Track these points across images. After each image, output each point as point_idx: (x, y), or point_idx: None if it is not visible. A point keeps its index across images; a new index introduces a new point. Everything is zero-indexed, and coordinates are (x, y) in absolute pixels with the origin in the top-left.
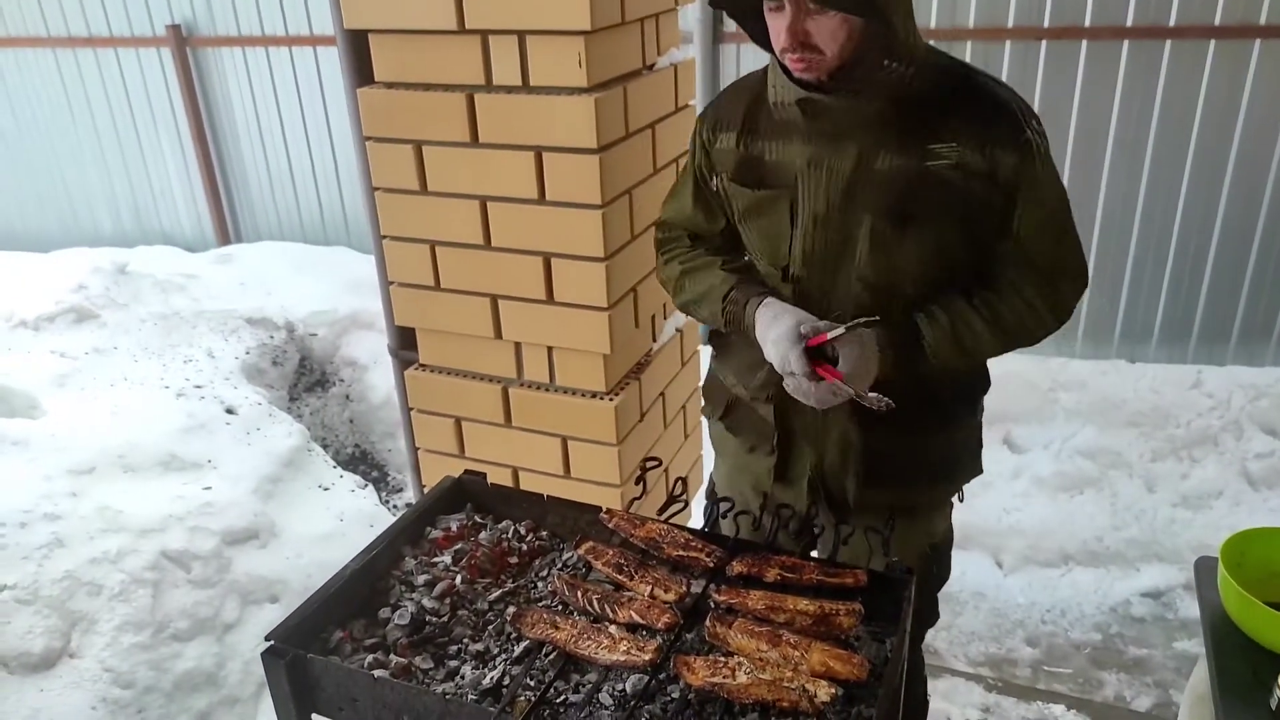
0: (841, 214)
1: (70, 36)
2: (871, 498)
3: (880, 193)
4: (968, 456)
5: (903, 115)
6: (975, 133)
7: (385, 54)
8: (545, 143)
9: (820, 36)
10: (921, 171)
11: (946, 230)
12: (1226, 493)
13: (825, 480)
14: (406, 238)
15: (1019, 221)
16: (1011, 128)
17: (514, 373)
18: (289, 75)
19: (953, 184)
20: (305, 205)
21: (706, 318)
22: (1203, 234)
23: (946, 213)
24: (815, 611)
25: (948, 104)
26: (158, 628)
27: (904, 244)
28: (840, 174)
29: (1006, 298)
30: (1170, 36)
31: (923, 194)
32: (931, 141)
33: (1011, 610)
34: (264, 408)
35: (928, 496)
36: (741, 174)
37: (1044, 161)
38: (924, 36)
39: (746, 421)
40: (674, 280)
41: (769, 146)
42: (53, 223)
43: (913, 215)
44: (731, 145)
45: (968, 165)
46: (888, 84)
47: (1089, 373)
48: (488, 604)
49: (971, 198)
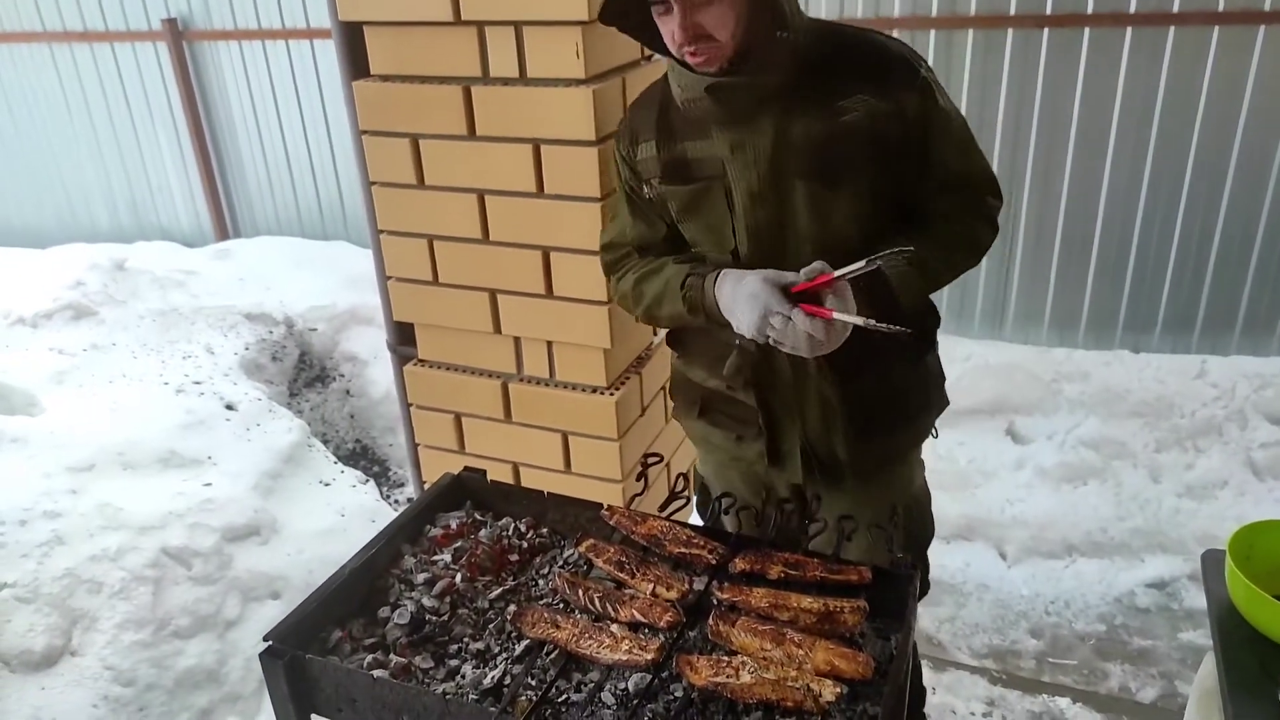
0: (774, 187)
1: (65, 31)
2: (863, 452)
3: (804, 158)
4: (935, 389)
5: (805, 82)
6: (876, 82)
7: (380, 46)
8: (543, 135)
9: (712, 25)
10: (837, 129)
11: (874, 178)
12: (1231, 483)
13: (815, 449)
14: (404, 232)
15: (934, 154)
16: (908, 71)
17: (513, 368)
18: (286, 68)
19: (868, 133)
20: (304, 199)
21: (669, 315)
22: (1207, 222)
23: (870, 162)
24: (819, 609)
25: (843, 63)
26: (159, 625)
27: (839, 201)
28: (762, 150)
29: (940, 221)
30: (1173, 23)
31: (844, 149)
32: (838, 99)
33: (1015, 602)
34: (264, 403)
35: (910, 437)
36: (669, 175)
37: (942, 95)
38: (926, 26)
39: (726, 412)
40: (630, 291)
41: (689, 145)
42: (50, 218)
43: (840, 172)
44: (653, 153)
45: (877, 112)
46: (784, 55)
47: (1092, 363)
48: (488, 602)
49: (888, 142)
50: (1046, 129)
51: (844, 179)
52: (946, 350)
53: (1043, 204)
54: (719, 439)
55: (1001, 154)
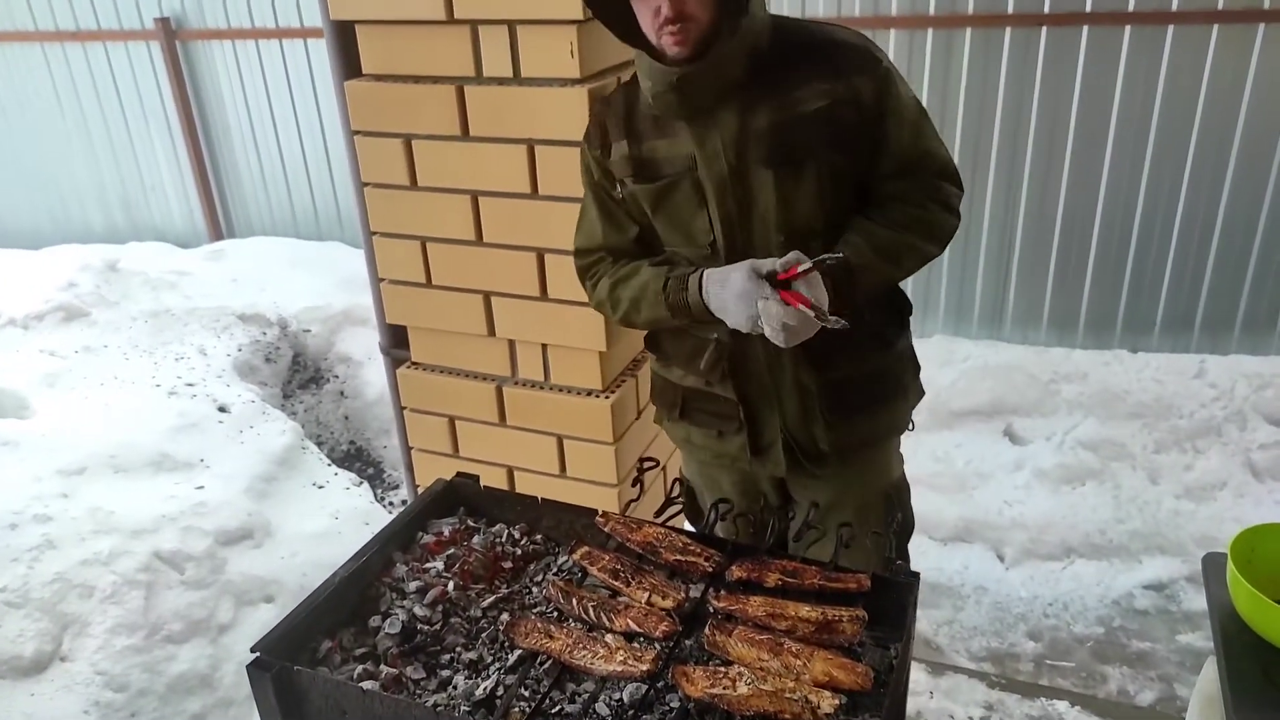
0: (740, 177)
1: (58, 30)
2: (842, 437)
3: (769, 147)
4: (910, 377)
5: (766, 73)
6: (836, 70)
7: (373, 45)
8: (537, 135)
9: (693, 5)
10: (799, 117)
11: (837, 163)
12: (1230, 484)
13: (795, 437)
14: (397, 234)
15: (890, 139)
16: (867, 60)
17: (508, 371)
18: (279, 68)
19: (829, 120)
20: (298, 199)
21: (648, 319)
22: (1206, 221)
23: (832, 148)
24: (817, 618)
25: (804, 54)
26: (150, 630)
27: (803, 186)
28: (728, 142)
29: (896, 205)
30: (1173, 21)
31: (806, 137)
32: (799, 88)
33: (1014, 604)
34: (257, 405)
35: (888, 421)
36: (639, 174)
37: (901, 83)
38: (924, 25)
39: (706, 409)
40: (607, 296)
41: (657, 144)
42: (43, 219)
43: (804, 159)
44: (624, 153)
45: (838, 98)
46: (744, 46)
47: (1091, 363)
48: (481, 611)
49: (848, 128)
50: (1045, 127)
51: (806, 166)
52: (945, 350)
53: (1041, 203)
54: (700, 438)
55: (1000, 152)
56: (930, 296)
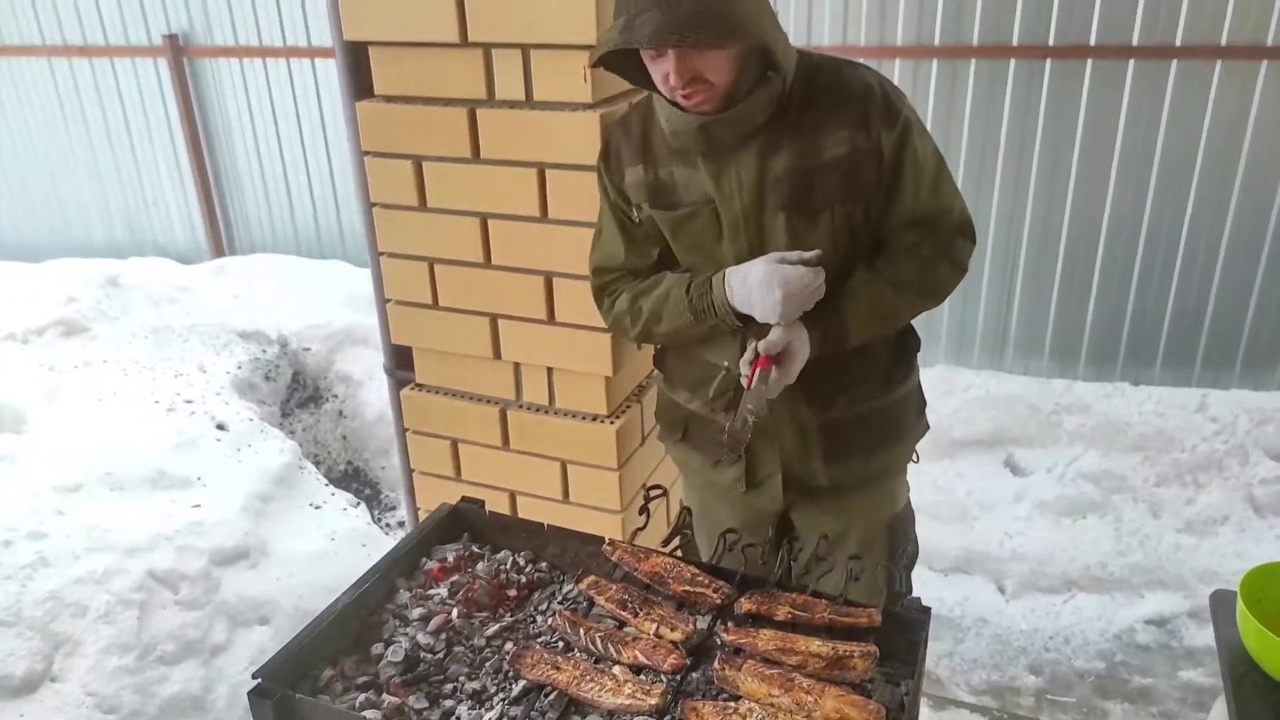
0: (756, 217)
1: (65, 45)
2: (841, 474)
3: (786, 191)
4: (914, 414)
5: (790, 117)
6: (858, 118)
7: (385, 66)
8: (548, 159)
9: (708, 70)
10: (818, 164)
11: (851, 210)
12: (1232, 519)
13: (793, 471)
14: (404, 255)
15: (906, 190)
16: (889, 108)
17: (513, 394)
18: (286, 86)
19: (848, 169)
20: (301, 217)
21: (668, 329)
22: (1208, 256)
23: (848, 195)
24: (828, 654)
25: (826, 98)
26: (143, 650)
27: (817, 230)
28: (747, 182)
29: (904, 258)
30: (1177, 56)
31: (824, 183)
32: (822, 135)
33: (1014, 637)
34: (255, 424)
35: (888, 460)
36: (656, 200)
37: (920, 132)
38: (929, 55)
39: (706, 435)
40: (628, 309)
41: (675, 171)
42: (44, 232)
43: (819, 204)
44: (640, 178)
45: (858, 148)
46: (771, 94)
47: (1092, 395)
48: (485, 640)
49: (866, 176)
50: (1049, 159)
51: (822, 211)
52: (946, 380)
53: (1044, 234)
54: (697, 463)
55: (1003, 183)
56: (932, 325)
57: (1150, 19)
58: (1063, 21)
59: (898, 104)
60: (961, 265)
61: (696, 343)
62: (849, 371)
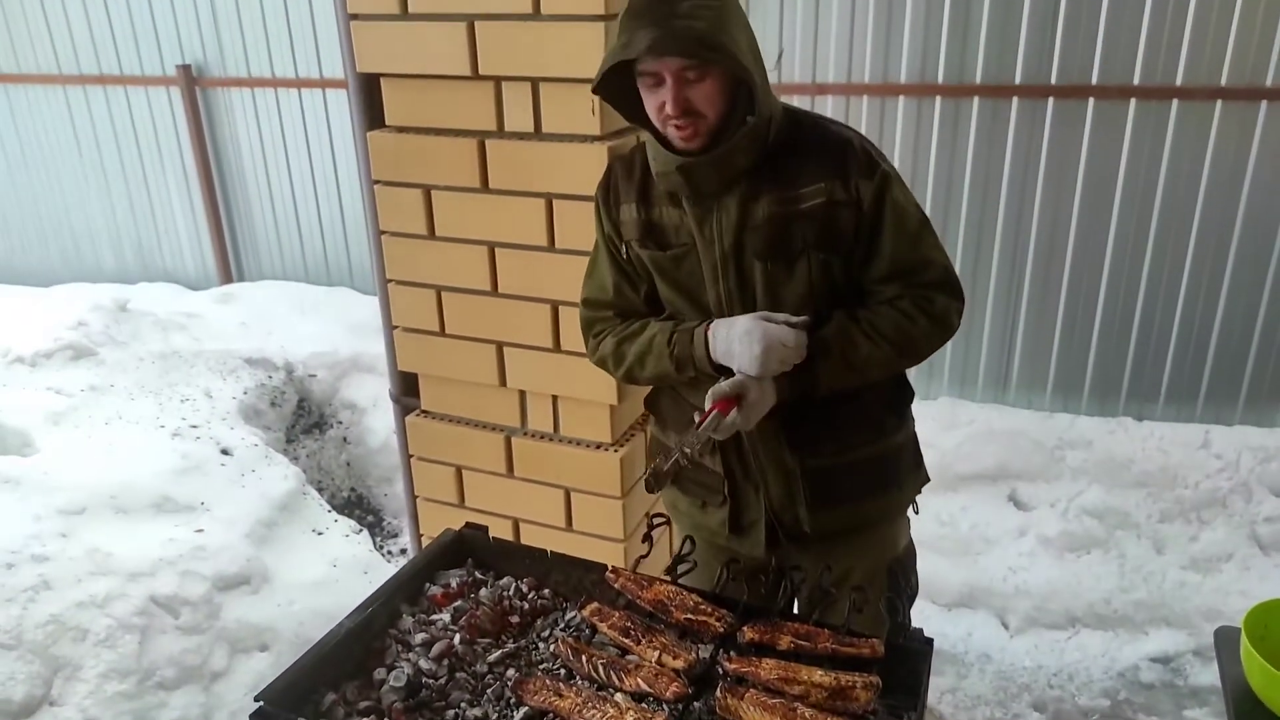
0: (735, 262)
1: (81, 75)
2: (825, 521)
3: (765, 238)
4: (909, 465)
5: (770, 166)
6: (837, 171)
7: (397, 98)
8: (556, 189)
9: (700, 102)
10: (796, 214)
11: (828, 259)
12: (1236, 556)
13: (778, 516)
14: (412, 282)
15: (886, 242)
16: (867, 163)
17: (518, 421)
18: (297, 116)
19: (825, 219)
20: (309, 245)
21: (652, 374)
22: (1210, 292)
23: (825, 245)
24: (831, 684)
25: (807, 151)
26: (143, 675)
27: (793, 279)
28: (728, 228)
29: (884, 312)
30: (1177, 96)
31: (801, 232)
32: (801, 186)
33: (1018, 674)
34: (260, 449)
35: (878, 509)
36: (645, 239)
37: (900, 188)
38: (931, 93)
39: (693, 478)
40: (611, 352)
41: (664, 211)
42: (55, 258)
43: (796, 252)
44: (633, 215)
45: (836, 200)
46: (752, 139)
47: (1095, 430)
48: (487, 666)
49: (843, 227)
50: (1050, 196)
51: (798, 260)
52: (949, 414)
53: (1046, 270)
54: (685, 505)
55: (1006, 220)
56: (935, 359)
57: (1151, 60)
58: (1064, 62)
59: (877, 159)
60: (944, 322)
61: (684, 386)
62: (837, 418)
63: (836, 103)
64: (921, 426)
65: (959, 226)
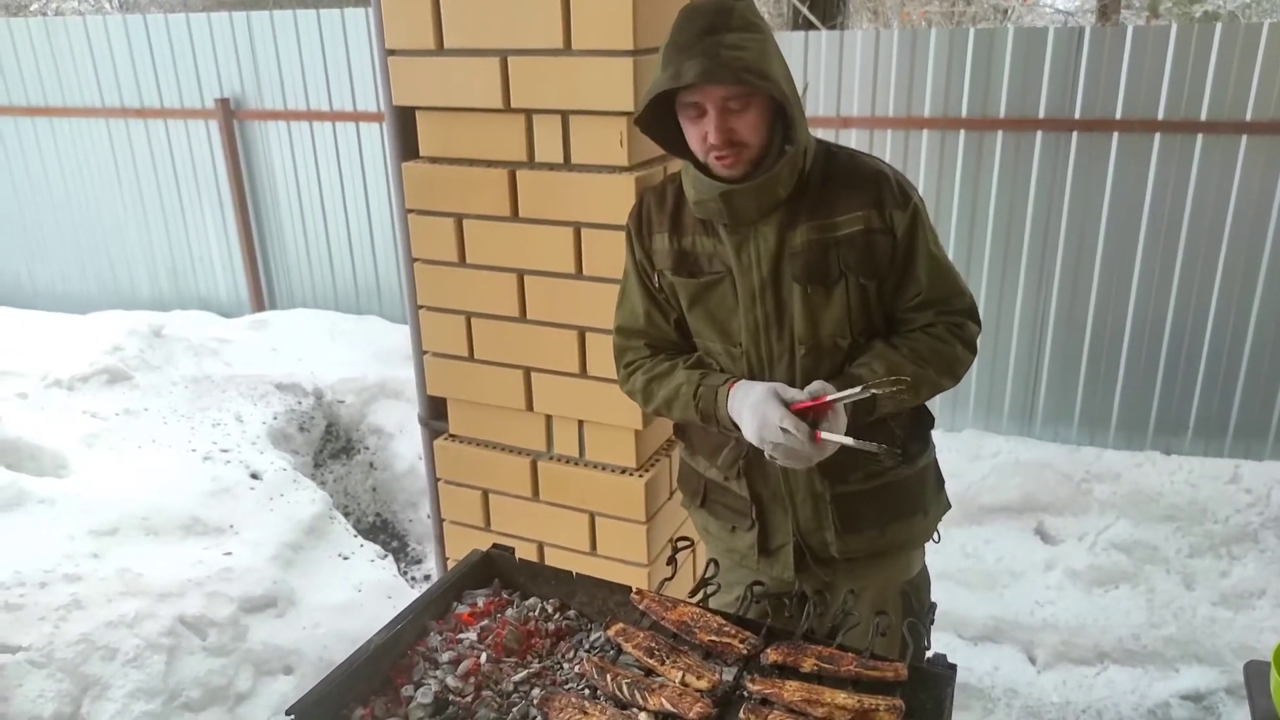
0: (773, 288)
1: (124, 108)
2: (853, 546)
3: (803, 265)
4: (932, 491)
5: (806, 195)
6: (873, 201)
7: (431, 130)
8: (584, 219)
9: (743, 131)
10: (835, 239)
11: (865, 283)
12: (1269, 592)
13: (806, 540)
14: (443, 308)
15: (919, 268)
16: (901, 193)
17: (544, 446)
18: (331, 148)
19: (863, 244)
20: (340, 273)
21: (679, 417)
22: (1238, 325)
23: (862, 269)
24: (854, 706)
25: (841, 180)
26: (170, 695)
27: (831, 305)
28: (766, 255)
29: (922, 336)
30: (1202, 130)
31: (838, 259)
32: (838, 214)
33: (1045, 710)
34: (288, 474)
35: (904, 534)
36: (678, 267)
37: (928, 223)
38: (956, 127)
39: (723, 502)
40: (641, 390)
41: (698, 240)
42: (93, 285)
43: (834, 278)
44: (665, 245)
45: (872, 227)
46: (792, 167)
47: (1123, 464)
48: (513, 685)
49: (880, 253)
50: (1075, 229)
51: (836, 285)
52: (975, 445)
53: (1072, 302)
54: (715, 528)
55: (1030, 251)
56: (960, 391)
57: (1175, 94)
58: (1088, 96)
59: (909, 190)
60: (974, 347)
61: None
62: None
63: (860, 135)
64: (946, 458)
65: (984, 258)
